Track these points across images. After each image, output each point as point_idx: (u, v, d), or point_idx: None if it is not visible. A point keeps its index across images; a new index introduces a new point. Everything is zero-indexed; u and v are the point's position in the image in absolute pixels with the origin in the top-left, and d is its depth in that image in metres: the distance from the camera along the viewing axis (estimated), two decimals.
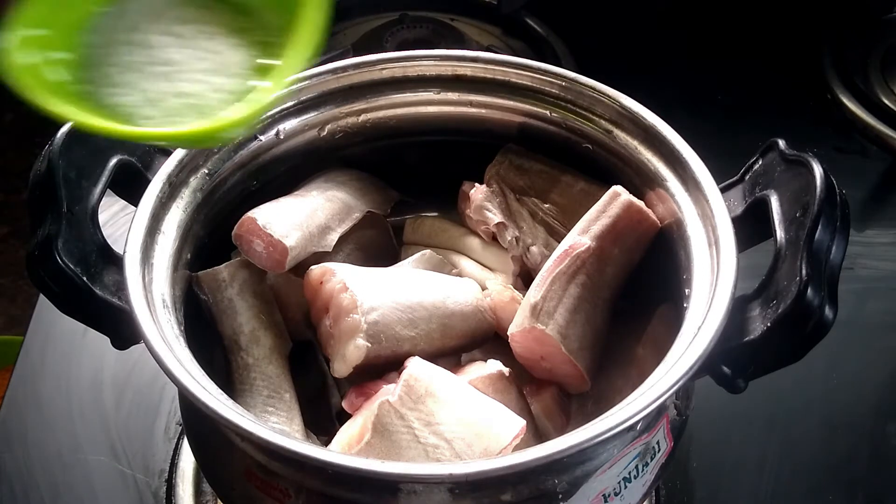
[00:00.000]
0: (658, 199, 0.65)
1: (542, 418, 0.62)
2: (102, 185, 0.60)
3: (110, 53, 0.55)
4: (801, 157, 0.58)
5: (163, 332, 0.53)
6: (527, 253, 0.69)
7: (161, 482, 0.77)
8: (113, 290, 0.58)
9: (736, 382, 0.55)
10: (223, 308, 0.63)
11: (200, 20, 0.56)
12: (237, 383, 0.62)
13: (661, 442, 0.57)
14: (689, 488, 0.76)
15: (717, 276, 0.56)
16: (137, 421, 0.80)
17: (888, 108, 1.09)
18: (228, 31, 0.56)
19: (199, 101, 0.55)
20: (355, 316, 0.59)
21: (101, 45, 0.55)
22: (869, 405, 0.84)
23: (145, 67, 0.55)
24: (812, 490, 0.77)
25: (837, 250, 0.54)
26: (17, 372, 0.84)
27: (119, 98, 0.54)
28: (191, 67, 0.55)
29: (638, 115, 0.66)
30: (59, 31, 0.54)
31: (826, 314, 0.52)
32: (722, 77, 1.17)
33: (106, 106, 0.54)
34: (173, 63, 0.55)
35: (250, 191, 0.69)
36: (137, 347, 0.57)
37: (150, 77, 0.54)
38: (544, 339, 0.60)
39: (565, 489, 0.52)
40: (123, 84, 0.54)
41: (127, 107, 0.54)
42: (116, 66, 0.54)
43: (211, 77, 0.55)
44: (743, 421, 0.80)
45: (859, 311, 0.90)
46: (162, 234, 0.60)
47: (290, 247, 0.63)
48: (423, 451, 0.53)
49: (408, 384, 0.55)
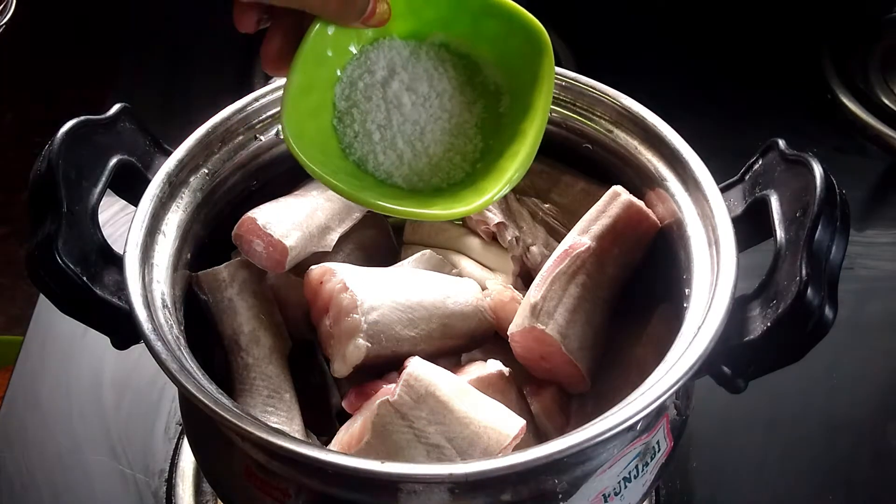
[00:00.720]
0: (658, 199, 0.65)
1: (542, 418, 0.62)
2: (102, 185, 0.60)
3: (369, 111, 0.57)
4: (801, 156, 0.58)
5: (163, 332, 0.53)
6: (527, 253, 0.69)
7: (161, 482, 0.77)
8: (113, 289, 0.58)
9: (736, 382, 0.55)
10: (223, 308, 0.63)
11: (433, 76, 0.58)
12: (237, 383, 0.62)
13: (661, 442, 0.57)
14: (689, 488, 0.76)
15: (717, 276, 0.56)
16: (137, 421, 0.80)
17: (888, 108, 1.09)
18: (458, 87, 0.59)
19: (441, 164, 0.58)
20: (355, 316, 0.59)
21: (359, 101, 0.57)
22: (869, 405, 0.84)
23: (399, 127, 0.57)
24: (812, 490, 0.77)
25: (837, 250, 0.54)
26: (17, 372, 0.84)
27: (379, 158, 0.57)
28: (432, 127, 0.58)
29: (638, 115, 0.66)
30: (321, 93, 0.56)
31: (826, 314, 0.52)
32: (722, 77, 1.17)
33: (367, 167, 0.57)
34: (420, 123, 0.57)
35: (250, 191, 0.69)
36: (137, 347, 0.57)
37: (403, 137, 0.57)
38: (544, 338, 0.60)
39: (565, 489, 0.52)
40: (382, 143, 0.57)
41: (385, 167, 0.57)
42: (376, 125, 0.57)
43: (448, 138, 0.58)
44: (743, 421, 0.81)
45: (859, 311, 0.90)
46: (162, 234, 0.60)
47: (290, 247, 0.63)
48: (422, 451, 0.53)
49: (408, 384, 0.55)
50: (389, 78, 0.57)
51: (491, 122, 0.59)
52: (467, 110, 0.59)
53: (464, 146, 0.59)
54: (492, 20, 0.57)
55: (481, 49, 0.59)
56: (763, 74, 1.17)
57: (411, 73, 0.57)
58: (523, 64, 0.58)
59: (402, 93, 0.57)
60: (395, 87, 0.57)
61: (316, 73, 0.55)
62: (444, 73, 0.58)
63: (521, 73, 0.58)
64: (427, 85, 0.58)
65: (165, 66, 1.22)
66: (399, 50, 0.57)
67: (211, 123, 0.65)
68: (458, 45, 0.59)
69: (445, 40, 0.59)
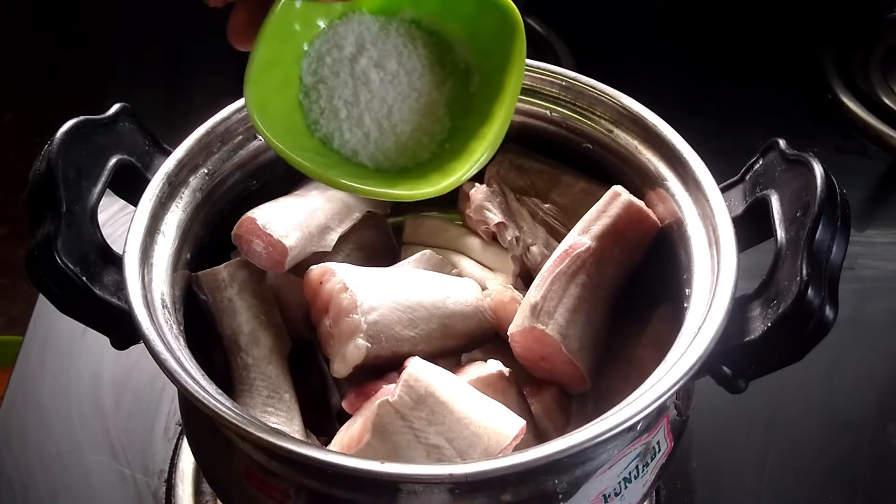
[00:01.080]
0: (658, 199, 0.64)
1: (542, 418, 0.62)
2: (102, 185, 0.60)
3: (336, 87, 0.56)
4: (801, 156, 0.58)
5: (162, 332, 0.53)
6: (527, 253, 0.69)
7: (160, 482, 0.77)
8: (112, 290, 0.58)
9: (736, 382, 0.55)
10: (223, 308, 0.63)
11: (402, 53, 0.57)
12: (237, 383, 0.62)
13: (662, 442, 0.57)
14: (689, 488, 0.76)
15: (717, 276, 0.56)
16: (137, 421, 0.80)
17: (888, 108, 1.09)
18: (427, 65, 0.58)
19: (408, 143, 0.57)
20: (355, 316, 0.59)
21: (326, 77, 0.55)
22: (869, 405, 0.84)
23: (367, 104, 0.56)
24: (812, 490, 0.77)
25: (838, 250, 0.54)
26: (17, 372, 0.84)
27: (345, 135, 0.56)
28: (401, 106, 0.57)
29: (638, 114, 0.66)
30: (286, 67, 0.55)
31: (826, 314, 0.52)
32: (722, 77, 1.17)
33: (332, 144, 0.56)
34: (387, 101, 0.56)
35: (250, 191, 0.69)
36: (137, 347, 0.57)
37: (371, 115, 0.56)
38: (544, 339, 0.60)
39: (565, 489, 0.52)
40: (349, 121, 0.56)
41: (351, 145, 0.56)
42: (343, 101, 0.56)
43: (416, 117, 0.57)
44: (743, 421, 0.80)
45: (860, 311, 0.90)
46: (161, 234, 0.60)
47: (290, 247, 0.63)
48: (422, 451, 0.53)
49: (408, 384, 0.55)
50: (358, 54, 0.56)
51: (460, 103, 0.58)
52: (436, 89, 0.58)
53: (432, 126, 0.58)
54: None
55: (453, 27, 0.58)
56: (763, 74, 1.17)
57: (380, 49, 0.56)
58: (495, 44, 0.57)
59: (370, 69, 0.56)
60: (364, 63, 0.56)
61: (282, 47, 0.53)
62: (414, 50, 0.57)
63: (493, 53, 0.57)
64: (396, 62, 0.57)
65: (165, 66, 1.22)
66: (368, 25, 0.56)
67: (210, 123, 0.65)
68: (429, 22, 0.58)
69: (416, 17, 0.57)
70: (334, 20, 0.56)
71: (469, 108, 0.58)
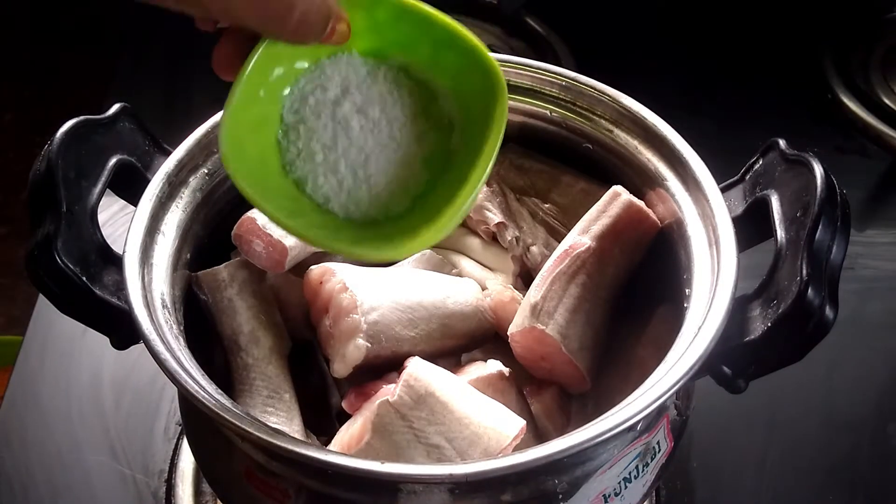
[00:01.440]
0: (658, 199, 0.64)
1: (542, 418, 0.62)
2: (102, 185, 0.60)
3: (316, 129, 0.54)
4: (801, 156, 0.58)
5: (162, 332, 0.53)
6: (527, 253, 0.69)
7: (160, 482, 0.77)
8: (112, 290, 0.58)
9: (736, 382, 0.55)
10: (223, 308, 0.63)
11: (387, 101, 0.55)
12: (237, 383, 0.62)
13: (662, 442, 0.57)
14: (689, 488, 0.76)
15: (717, 276, 0.56)
16: (137, 421, 0.80)
17: (888, 108, 1.09)
18: (410, 116, 0.56)
19: (381, 195, 0.55)
20: (355, 316, 0.59)
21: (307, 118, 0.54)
22: (869, 405, 0.84)
23: (344, 151, 0.54)
24: (812, 490, 0.77)
25: (838, 250, 0.54)
26: (17, 372, 0.84)
27: (319, 180, 0.54)
28: (378, 156, 0.55)
29: (638, 114, 0.66)
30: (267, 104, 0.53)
31: (827, 314, 0.52)
32: (722, 77, 1.17)
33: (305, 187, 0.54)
34: (365, 149, 0.54)
35: None
36: (137, 347, 0.57)
37: (347, 162, 0.54)
38: (544, 339, 0.60)
39: (565, 489, 0.52)
40: (324, 165, 0.54)
41: (324, 191, 0.54)
42: (321, 145, 0.54)
43: (393, 168, 0.55)
44: (743, 421, 0.80)
45: (860, 311, 0.90)
46: (161, 234, 0.60)
47: (290, 247, 0.63)
48: (422, 451, 0.53)
49: (408, 384, 0.55)
50: (342, 97, 0.54)
51: (439, 158, 0.56)
52: (416, 142, 0.56)
53: (407, 179, 0.56)
54: (451, 52, 0.54)
55: (440, 78, 0.56)
56: (763, 74, 1.17)
57: (365, 94, 0.55)
58: (478, 103, 0.55)
59: (352, 115, 0.54)
60: (346, 108, 0.54)
61: (264, 83, 0.52)
62: (399, 99, 0.55)
63: (475, 112, 0.55)
64: (379, 110, 0.55)
65: (165, 66, 1.22)
66: (356, 68, 0.55)
67: (211, 123, 0.65)
68: (418, 70, 0.56)
69: (405, 64, 0.56)
70: (323, 59, 0.54)
71: (447, 165, 0.56)
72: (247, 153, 0.52)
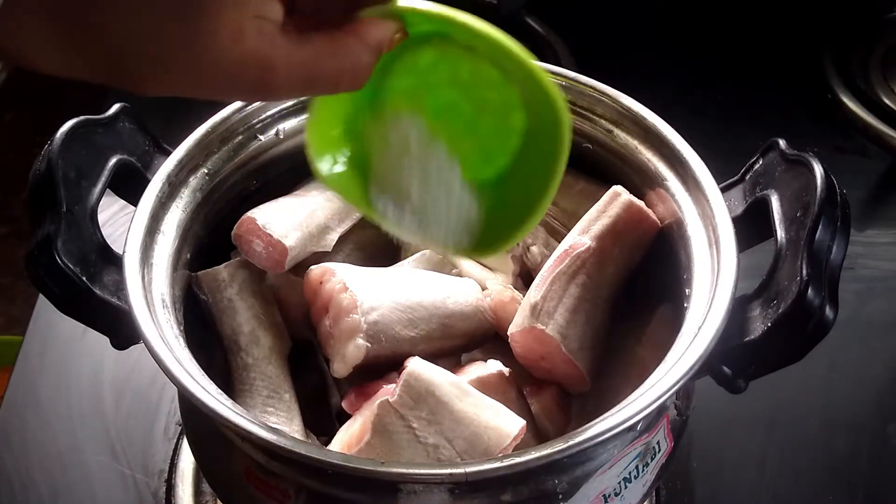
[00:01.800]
0: (658, 199, 0.64)
1: (542, 418, 0.62)
2: (102, 185, 0.60)
3: (387, 152, 0.54)
4: (801, 156, 0.58)
5: (162, 332, 0.53)
6: (527, 253, 0.69)
7: (160, 482, 0.77)
8: (112, 289, 0.58)
9: (736, 382, 0.55)
10: (223, 308, 0.63)
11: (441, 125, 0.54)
12: (237, 383, 0.62)
13: (662, 442, 0.57)
14: (689, 488, 0.76)
15: (717, 276, 0.56)
16: (137, 421, 0.80)
17: (889, 108, 1.09)
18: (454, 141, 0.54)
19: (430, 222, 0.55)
20: (355, 316, 0.59)
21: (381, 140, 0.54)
22: (869, 405, 0.84)
23: (410, 174, 0.54)
24: (812, 490, 0.77)
25: (838, 250, 0.54)
26: (17, 372, 0.84)
27: (385, 201, 0.55)
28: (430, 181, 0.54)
29: (638, 114, 0.66)
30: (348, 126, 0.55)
31: (827, 314, 0.52)
32: (722, 77, 1.17)
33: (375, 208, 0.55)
34: (426, 174, 0.54)
35: (250, 191, 0.69)
36: (137, 347, 0.57)
37: (412, 185, 0.54)
38: (544, 339, 0.60)
39: (565, 489, 0.52)
40: (391, 188, 0.54)
41: (387, 212, 0.55)
42: (392, 168, 0.54)
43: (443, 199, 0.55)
44: (743, 421, 0.80)
45: (860, 311, 0.90)
46: (161, 234, 0.60)
47: (290, 247, 0.63)
48: (422, 451, 0.53)
49: (408, 384, 0.55)
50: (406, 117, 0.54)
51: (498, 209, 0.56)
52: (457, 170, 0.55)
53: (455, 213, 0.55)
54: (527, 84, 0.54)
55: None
56: (763, 74, 1.17)
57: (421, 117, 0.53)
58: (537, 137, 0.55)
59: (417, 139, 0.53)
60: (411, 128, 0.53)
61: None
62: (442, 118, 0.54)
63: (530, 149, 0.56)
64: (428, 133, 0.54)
65: None
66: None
67: (211, 123, 0.65)
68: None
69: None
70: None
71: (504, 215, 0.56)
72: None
